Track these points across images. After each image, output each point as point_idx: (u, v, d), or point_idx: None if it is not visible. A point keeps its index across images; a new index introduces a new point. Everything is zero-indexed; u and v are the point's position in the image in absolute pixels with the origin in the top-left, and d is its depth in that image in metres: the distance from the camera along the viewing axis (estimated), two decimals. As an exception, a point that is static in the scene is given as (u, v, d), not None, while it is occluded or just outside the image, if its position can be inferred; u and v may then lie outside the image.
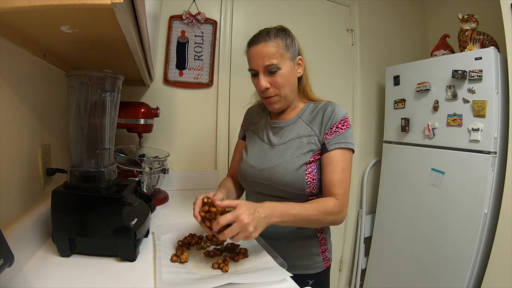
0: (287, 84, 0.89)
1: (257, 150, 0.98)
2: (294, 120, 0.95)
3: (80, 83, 0.74)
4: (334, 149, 0.86)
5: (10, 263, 0.48)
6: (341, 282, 2.18)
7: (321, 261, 0.94)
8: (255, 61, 0.88)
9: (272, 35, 0.86)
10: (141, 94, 1.57)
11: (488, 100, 1.43)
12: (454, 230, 1.52)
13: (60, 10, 0.49)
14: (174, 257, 0.73)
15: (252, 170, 0.95)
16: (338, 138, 0.87)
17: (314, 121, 0.92)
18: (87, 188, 0.74)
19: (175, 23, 1.60)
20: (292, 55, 0.89)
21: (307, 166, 0.87)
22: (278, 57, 0.85)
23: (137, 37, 0.66)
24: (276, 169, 0.89)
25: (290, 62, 0.89)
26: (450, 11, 2.11)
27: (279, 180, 0.88)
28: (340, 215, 0.83)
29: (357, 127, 2.13)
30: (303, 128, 0.92)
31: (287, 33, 0.89)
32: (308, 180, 0.87)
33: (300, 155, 0.88)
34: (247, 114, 1.13)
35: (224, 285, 0.61)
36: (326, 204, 0.81)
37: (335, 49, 2.04)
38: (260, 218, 0.69)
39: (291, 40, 0.89)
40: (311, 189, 0.87)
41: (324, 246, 0.95)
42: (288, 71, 0.88)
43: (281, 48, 0.86)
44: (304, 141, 0.90)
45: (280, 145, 0.93)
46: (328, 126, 0.88)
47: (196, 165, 1.69)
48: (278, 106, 0.93)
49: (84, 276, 0.66)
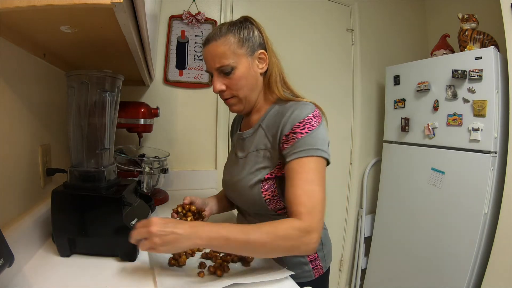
0: (245, 84, 0.78)
1: (228, 162, 0.94)
2: (254, 128, 0.83)
3: (80, 83, 0.74)
4: (292, 159, 0.69)
5: (10, 263, 0.48)
6: (341, 282, 2.18)
7: (310, 270, 0.83)
8: (207, 62, 0.79)
9: (223, 32, 0.76)
10: (141, 94, 1.57)
11: (488, 99, 1.43)
12: (454, 229, 1.52)
13: (60, 10, 0.49)
14: (172, 260, 0.72)
15: (225, 184, 0.91)
16: (296, 146, 0.70)
17: (272, 129, 0.77)
18: (87, 188, 0.74)
19: (175, 23, 1.59)
20: (248, 50, 0.77)
21: (263, 183, 0.76)
22: (231, 55, 0.75)
23: (137, 37, 0.66)
24: (236, 186, 0.83)
25: (247, 59, 0.77)
26: (450, 10, 2.11)
27: (237, 198, 0.85)
28: (303, 241, 0.62)
29: (357, 126, 2.13)
30: (261, 139, 0.80)
31: (243, 25, 0.78)
32: (266, 198, 0.77)
33: (256, 171, 0.78)
34: (232, 122, 1.08)
35: (227, 287, 0.61)
36: (278, 227, 0.62)
37: (335, 49, 2.04)
38: (173, 234, 0.58)
39: (247, 33, 0.77)
40: (274, 205, 0.78)
41: (314, 255, 0.84)
42: (244, 69, 0.77)
43: (233, 45, 0.75)
44: (260, 154, 0.79)
45: (241, 159, 0.84)
46: (284, 133, 0.72)
47: (196, 165, 1.69)
48: (237, 108, 0.83)
49: (84, 276, 0.66)
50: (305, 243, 0.63)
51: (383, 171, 2.02)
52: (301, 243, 0.63)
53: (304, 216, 0.64)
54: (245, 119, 0.91)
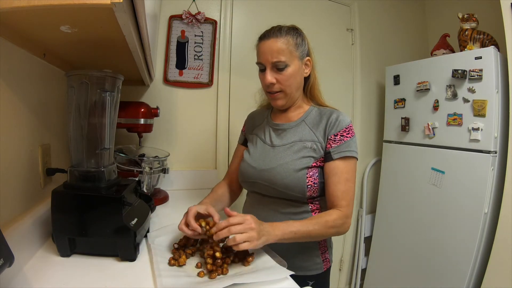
0: (293, 82, 0.89)
1: (257, 151, 0.97)
2: (297, 122, 0.94)
3: (80, 83, 0.74)
4: (338, 158, 0.86)
5: (10, 263, 0.48)
6: (341, 282, 2.18)
7: (320, 262, 0.93)
8: (264, 55, 0.88)
9: (283, 32, 0.86)
10: (141, 94, 1.57)
11: (488, 99, 1.43)
12: (454, 229, 1.52)
13: (59, 10, 0.49)
14: (172, 260, 0.72)
15: (252, 171, 0.94)
16: (342, 147, 0.86)
17: (317, 127, 0.91)
18: (87, 188, 0.74)
19: (175, 22, 1.59)
20: (301, 54, 0.89)
21: (309, 170, 0.87)
22: (287, 54, 0.86)
23: (136, 37, 0.66)
24: (276, 170, 0.89)
25: (298, 61, 0.89)
26: (450, 10, 2.11)
27: (279, 182, 0.88)
28: (344, 226, 0.84)
29: (357, 126, 2.13)
30: (306, 132, 0.92)
31: (298, 32, 0.90)
32: (309, 183, 0.86)
33: (302, 158, 0.88)
34: (248, 119, 1.12)
35: (227, 287, 0.61)
36: (327, 219, 0.81)
37: (335, 49, 2.04)
38: (264, 231, 0.71)
39: (301, 40, 0.89)
40: (311, 192, 0.87)
41: (324, 247, 0.95)
42: (295, 69, 0.88)
43: (291, 45, 0.86)
44: (307, 145, 0.89)
45: (281, 146, 0.92)
46: (332, 133, 0.88)
47: (196, 165, 1.69)
48: (281, 102, 0.93)
49: (84, 276, 0.66)
50: (344, 228, 0.85)
51: (383, 171, 2.02)
52: (342, 229, 0.85)
53: (344, 208, 0.84)
54: (278, 114, 1.00)
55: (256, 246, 0.69)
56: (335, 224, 0.82)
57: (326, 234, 0.83)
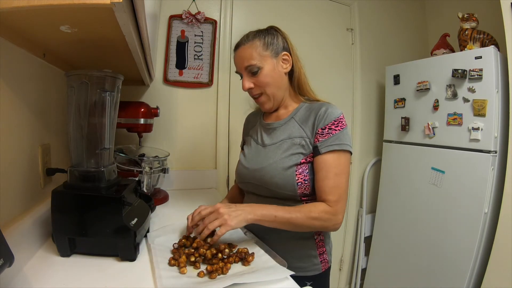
0: (271, 82, 0.90)
1: (251, 152, 0.98)
2: (286, 120, 0.94)
3: (80, 83, 0.74)
4: (327, 152, 0.83)
5: (10, 263, 0.48)
6: (341, 282, 2.18)
7: (318, 263, 0.92)
8: (237, 64, 0.92)
9: (250, 37, 0.89)
10: (141, 94, 1.57)
11: (488, 99, 1.43)
12: (454, 229, 1.52)
13: (59, 10, 0.49)
14: (172, 260, 0.71)
15: (246, 171, 0.95)
16: (331, 140, 0.84)
17: (307, 122, 0.89)
18: (87, 188, 0.74)
19: (174, 22, 1.59)
20: (273, 52, 0.89)
21: (298, 167, 0.86)
22: (257, 57, 0.87)
23: (136, 36, 0.66)
24: (266, 169, 0.89)
25: (272, 60, 0.89)
26: (450, 10, 2.11)
27: (269, 181, 0.88)
28: (331, 222, 0.81)
29: (357, 126, 2.13)
30: (295, 129, 0.91)
31: (268, 32, 0.91)
32: (299, 181, 0.85)
33: (290, 155, 0.87)
34: (245, 122, 1.15)
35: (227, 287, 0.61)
36: (311, 209, 0.80)
37: (335, 49, 2.04)
38: (237, 211, 0.76)
39: (272, 38, 0.89)
40: (302, 190, 0.86)
41: (322, 248, 0.93)
42: (270, 69, 0.89)
43: (259, 47, 0.88)
44: (295, 142, 0.88)
45: (272, 145, 0.93)
46: (320, 127, 0.86)
47: (196, 165, 1.69)
48: (268, 105, 0.94)
49: (84, 276, 0.66)
50: (333, 224, 0.82)
51: (383, 170, 2.02)
52: (331, 224, 0.82)
53: (332, 203, 0.81)
54: (269, 114, 1.01)
55: (233, 227, 0.73)
56: (319, 217, 0.79)
57: (309, 225, 0.80)
